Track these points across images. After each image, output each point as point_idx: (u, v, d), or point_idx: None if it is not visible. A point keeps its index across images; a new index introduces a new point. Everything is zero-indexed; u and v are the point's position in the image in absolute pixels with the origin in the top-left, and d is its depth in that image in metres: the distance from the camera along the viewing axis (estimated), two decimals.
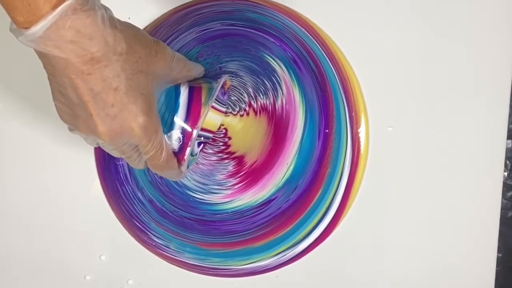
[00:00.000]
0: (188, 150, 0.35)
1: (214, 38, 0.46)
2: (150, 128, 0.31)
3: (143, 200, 0.47)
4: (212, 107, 0.42)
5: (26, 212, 0.47)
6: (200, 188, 0.46)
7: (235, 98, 0.45)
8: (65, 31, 0.26)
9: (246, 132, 0.45)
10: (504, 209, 0.44)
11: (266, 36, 0.46)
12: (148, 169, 0.45)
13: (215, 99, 0.40)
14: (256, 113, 0.45)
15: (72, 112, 0.30)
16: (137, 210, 0.47)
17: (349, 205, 0.44)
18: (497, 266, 0.42)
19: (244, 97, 0.45)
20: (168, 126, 0.35)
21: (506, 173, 0.45)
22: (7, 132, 0.47)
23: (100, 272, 0.46)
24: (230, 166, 0.45)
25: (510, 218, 0.45)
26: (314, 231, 0.45)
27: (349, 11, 0.45)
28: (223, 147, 0.45)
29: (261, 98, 0.45)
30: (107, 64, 0.28)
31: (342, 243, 0.45)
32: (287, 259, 0.45)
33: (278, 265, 0.46)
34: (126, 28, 0.29)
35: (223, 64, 0.45)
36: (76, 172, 0.47)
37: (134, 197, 0.47)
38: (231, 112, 0.45)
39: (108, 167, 0.47)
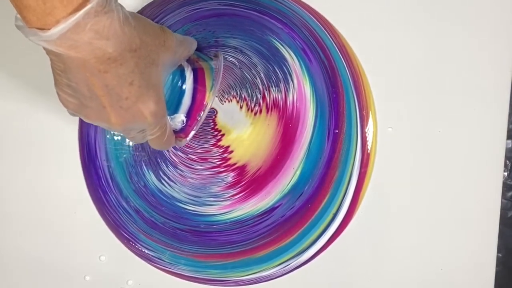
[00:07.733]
0: (192, 133, 0.36)
1: (207, 17, 0.41)
2: (160, 114, 0.32)
3: (128, 209, 0.41)
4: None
5: (26, 212, 0.46)
6: (192, 200, 0.41)
7: (249, 76, 0.40)
8: (84, 33, 0.25)
9: (254, 137, 0.41)
10: (504, 209, 0.45)
11: (272, 21, 0.40)
12: (131, 177, 0.40)
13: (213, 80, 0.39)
14: (268, 110, 0.41)
15: (81, 102, 0.29)
16: (123, 220, 0.41)
17: (357, 210, 0.42)
18: (497, 266, 0.43)
19: (258, 82, 0.40)
20: (173, 109, 0.35)
21: (506, 173, 0.45)
22: (7, 132, 0.46)
23: (100, 272, 0.45)
24: (229, 178, 0.41)
25: (510, 218, 0.46)
26: (320, 238, 0.42)
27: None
28: (219, 163, 0.40)
29: (273, 91, 0.41)
30: (123, 62, 0.28)
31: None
32: (290, 269, 0.42)
33: (281, 275, 0.42)
34: (138, 23, 0.29)
35: (221, 39, 0.41)
36: (76, 172, 0.45)
37: (119, 206, 0.41)
38: (248, 105, 0.41)
39: (89, 171, 0.40)
